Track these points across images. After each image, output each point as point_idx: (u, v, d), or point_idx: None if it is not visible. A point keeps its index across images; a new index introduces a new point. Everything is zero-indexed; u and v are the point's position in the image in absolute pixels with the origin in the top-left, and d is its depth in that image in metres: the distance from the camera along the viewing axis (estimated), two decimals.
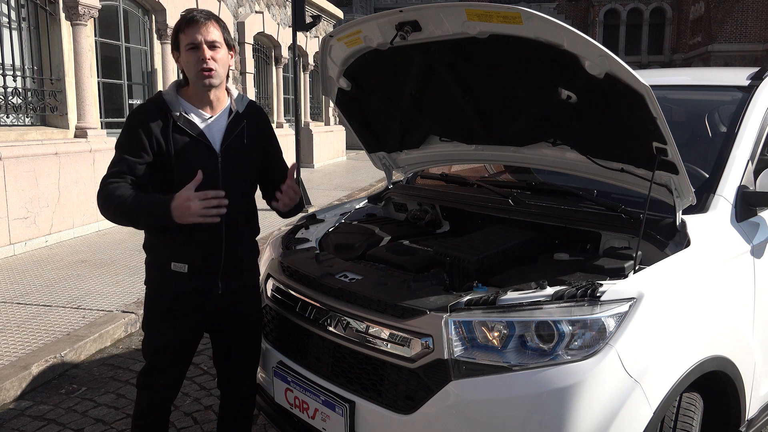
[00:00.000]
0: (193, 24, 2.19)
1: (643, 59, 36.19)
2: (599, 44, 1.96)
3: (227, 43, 2.27)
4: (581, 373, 1.82)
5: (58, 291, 5.27)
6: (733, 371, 2.25)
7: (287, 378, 2.36)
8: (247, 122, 2.35)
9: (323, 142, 17.26)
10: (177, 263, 2.27)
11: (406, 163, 3.36)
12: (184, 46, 2.21)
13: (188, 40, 2.19)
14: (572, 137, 2.49)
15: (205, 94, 2.27)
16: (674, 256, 2.15)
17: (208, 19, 2.22)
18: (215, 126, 2.30)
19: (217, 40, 2.22)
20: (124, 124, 2.30)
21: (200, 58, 2.19)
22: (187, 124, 2.25)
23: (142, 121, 2.23)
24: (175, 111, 2.24)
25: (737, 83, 2.91)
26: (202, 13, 2.24)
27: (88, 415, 3.42)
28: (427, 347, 1.97)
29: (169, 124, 2.23)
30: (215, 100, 2.30)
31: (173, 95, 2.29)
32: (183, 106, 2.27)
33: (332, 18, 18.42)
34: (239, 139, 2.32)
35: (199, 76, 2.21)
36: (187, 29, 2.20)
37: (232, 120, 2.32)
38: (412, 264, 2.48)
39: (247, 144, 2.33)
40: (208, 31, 2.20)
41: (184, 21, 2.21)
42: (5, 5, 6.88)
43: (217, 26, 2.23)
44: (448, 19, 2.22)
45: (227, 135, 2.30)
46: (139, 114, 2.27)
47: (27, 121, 7.33)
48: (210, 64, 2.20)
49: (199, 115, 2.28)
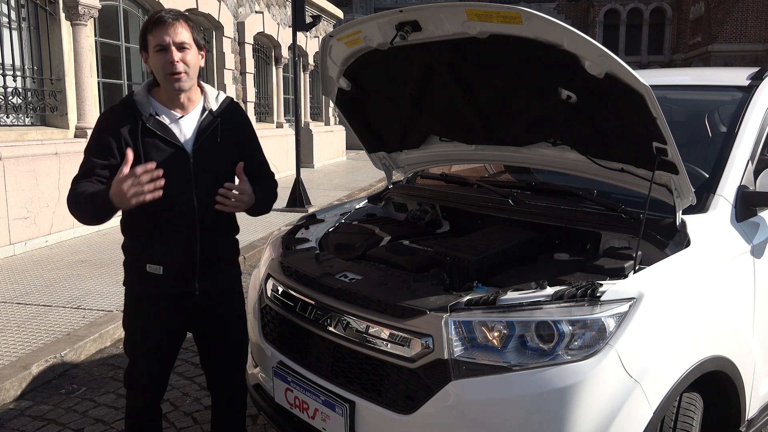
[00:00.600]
0: (161, 25, 2.12)
1: (643, 59, 36.19)
2: (599, 44, 1.96)
3: (197, 43, 2.21)
4: (581, 373, 1.82)
5: (58, 291, 5.27)
6: (733, 371, 2.25)
7: (287, 378, 2.36)
8: (221, 121, 2.31)
9: (323, 142, 17.25)
10: (152, 265, 2.25)
11: (406, 163, 3.36)
12: (152, 47, 2.14)
13: (156, 41, 2.13)
14: (572, 137, 2.49)
15: (175, 95, 2.23)
16: (674, 256, 2.15)
17: (177, 20, 2.14)
18: (187, 126, 2.26)
19: (186, 41, 2.16)
20: (94, 126, 2.26)
21: (169, 61, 2.13)
22: (156, 125, 2.21)
23: (110, 125, 2.20)
24: (144, 112, 2.20)
25: (737, 83, 2.91)
26: (170, 13, 2.17)
27: (88, 415, 3.42)
28: (427, 347, 1.97)
29: (138, 126, 2.19)
30: (186, 101, 2.26)
31: (144, 96, 2.25)
32: (154, 107, 2.23)
33: (332, 18, 18.42)
34: (212, 138, 2.27)
35: (169, 79, 2.16)
36: (154, 30, 2.13)
37: (205, 119, 2.28)
38: (412, 264, 2.48)
39: (221, 143, 2.29)
40: (177, 33, 2.13)
41: (151, 22, 2.14)
42: (5, 5, 6.88)
43: (186, 26, 2.17)
44: (448, 19, 2.22)
45: (199, 134, 2.26)
46: (108, 117, 2.23)
47: (27, 121, 7.33)
48: (179, 67, 2.14)
49: (169, 116, 2.24)
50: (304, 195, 9.67)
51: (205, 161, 2.25)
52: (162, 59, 2.14)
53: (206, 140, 2.27)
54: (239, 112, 2.42)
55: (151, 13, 2.22)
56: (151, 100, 2.25)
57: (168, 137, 2.21)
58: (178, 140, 2.23)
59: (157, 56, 2.14)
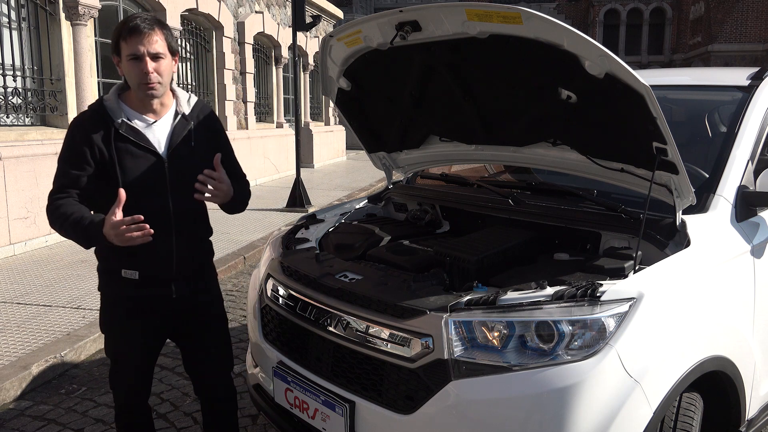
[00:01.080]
0: (136, 34, 2.08)
1: (643, 59, 36.21)
2: (599, 44, 1.96)
3: (171, 50, 2.19)
4: (581, 373, 1.82)
5: (58, 291, 5.27)
6: (733, 371, 2.25)
7: (287, 378, 2.36)
8: (194, 125, 2.30)
9: (323, 142, 17.25)
10: (128, 270, 2.24)
11: (406, 163, 3.36)
12: (126, 55, 2.11)
13: (130, 50, 2.09)
14: (572, 137, 2.49)
15: (147, 101, 2.21)
16: (674, 256, 2.15)
17: (152, 29, 2.11)
18: (160, 130, 2.24)
19: (161, 51, 2.13)
20: (66, 135, 2.23)
21: (143, 71, 2.10)
22: (129, 131, 2.18)
23: (82, 132, 2.17)
24: (117, 118, 2.17)
25: (737, 83, 2.91)
26: (146, 20, 2.12)
27: (88, 415, 3.42)
28: (427, 347, 1.97)
29: (110, 133, 2.16)
30: (159, 105, 2.24)
31: (115, 101, 2.21)
32: (125, 113, 2.20)
33: (332, 18, 18.42)
34: (186, 142, 2.26)
35: (142, 88, 2.14)
36: (129, 38, 2.09)
37: (178, 123, 2.27)
38: (412, 264, 2.48)
39: (195, 146, 2.27)
40: (152, 42, 2.10)
41: (126, 29, 2.10)
42: (5, 5, 6.88)
43: (161, 35, 2.13)
44: (448, 19, 2.22)
45: (173, 139, 2.24)
46: (79, 124, 2.20)
47: (27, 121, 7.34)
48: (153, 78, 2.12)
49: (142, 121, 2.22)
50: (304, 195, 9.66)
51: (180, 165, 2.23)
52: (136, 68, 2.11)
53: (180, 144, 2.25)
54: (211, 115, 2.40)
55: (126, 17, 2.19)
56: (122, 105, 2.22)
57: (142, 142, 2.19)
58: (152, 145, 2.21)
59: (131, 64, 2.12)
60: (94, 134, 2.16)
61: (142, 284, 2.25)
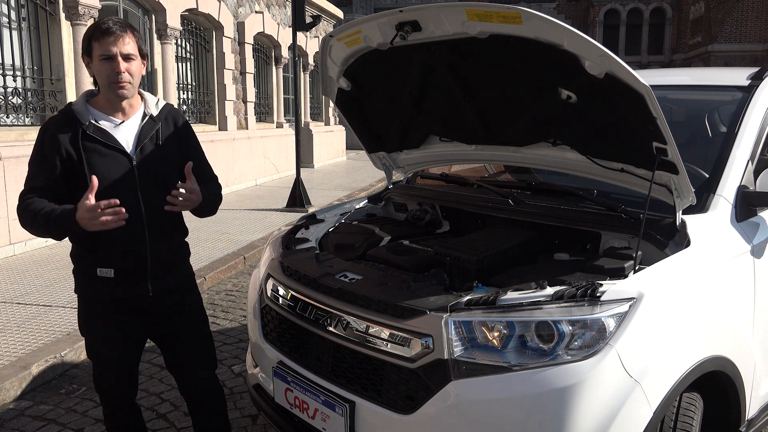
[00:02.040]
0: (109, 35, 2.15)
1: (643, 59, 36.21)
2: (599, 44, 1.96)
3: (141, 53, 2.25)
4: (581, 373, 1.82)
5: (58, 291, 5.27)
6: (733, 371, 2.25)
7: (287, 378, 2.36)
8: (162, 125, 2.33)
9: (323, 142, 17.25)
10: (103, 269, 2.25)
11: (406, 163, 3.36)
12: (98, 55, 2.17)
13: (102, 50, 2.15)
14: (572, 137, 2.49)
15: (117, 102, 2.25)
16: (674, 256, 2.15)
17: (124, 31, 2.18)
18: (128, 131, 2.28)
19: (132, 53, 2.19)
20: (36, 139, 2.27)
21: (115, 71, 2.16)
22: (97, 132, 2.22)
23: (51, 136, 2.21)
24: (84, 120, 2.22)
25: (737, 83, 2.91)
26: (118, 23, 2.19)
27: (88, 415, 3.42)
28: (427, 347, 1.97)
29: (78, 134, 2.20)
30: (127, 107, 2.28)
31: (82, 105, 2.26)
32: (93, 115, 2.24)
33: (332, 18, 18.42)
34: (153, 141, 2.30)
35: (112, 87, 2.19)
36: (101, 39, 2.15)
37: (146, 124, 2.30)
38: (412, 264, 2.48)
39: (163, 146, 2.31)
40: (124, 44, 2.17)
41: (99, 30, 2.16)
42: (5, 5, 6.88)
43: (132, 38, 2.20)
44: (448, 19, 2.22)
45: (141, 138, 2.28)
46: (48, 128, 2.24)
47: (27, 121, 7.33)
48: (124, 78, 2.17)
49: (110, 122, 2.26)
50: (304, 195, 9.66)
51: (148, 164, 2.26)
52: (107, 68, 2.17)
53: (148, 143, 2.29)
54: (179, 117, 2.44)
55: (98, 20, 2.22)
56: (90, 108, 2.27)
57: (109, 142, 2.22)
58: (120, 145, 2.24)
59: (103, 64, 2.17)
60: (61, 136, 2.20)
61: (117, 283, 2.26)
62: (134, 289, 2.29)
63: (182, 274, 2.47)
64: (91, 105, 2.28)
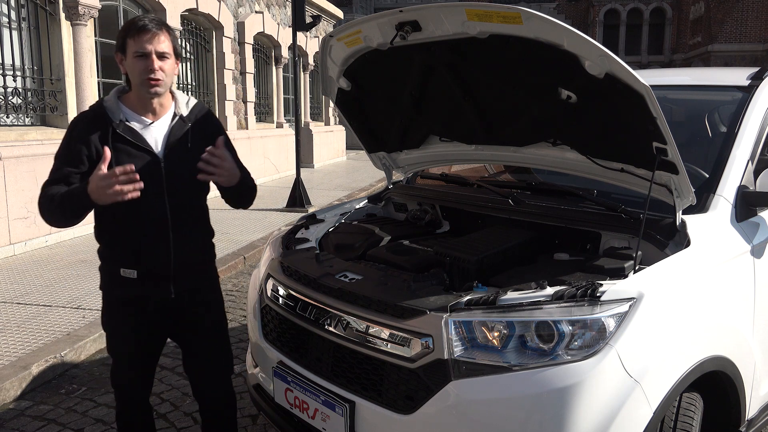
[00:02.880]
0: (145, 33, 2.14)
1: (643, 59, 36.20)
2: (599, 44, 1.96)
3: (175, 52, 2.25)
4: (581, 373, 1.82)
5: (58, 291, 5.27)
6: (733, 371, 2.25)
7: (287, 378, 2.36)
8: (192, 126, 2.32)
9: (323, 142, 17.25)
10: (126, 269, 2.26)
11: (406, 163, 3.36)
12: (132, 52, 2.16)
13: (137, 47, 2.15)
14: (572, 137, 2.49)
15: (148, 100, 2.24)
16: (674, 256, 2.15)
17: (160, 29, 2.17)
18: (157, 131, 2.27)
19: (167, 51, 2.19)
20: (65, 133, 2.28)
21: (148, 68, 2.16)
22: (127, 131, 2.22)
23: (80, 132, 2.22)
24: (115, 119, 2.21)
25: (737, 83, 2.91)
26: (154, 21, 2.19)
27: (88, 415, 3.42)
28: (427, 347, 1.97)
29: (108, 132, 2.19)
30: (158, 106, 2.27)
31: (114, 102, 2.25)
32: (124, 113, 2.24)
33: (332, 18, 18.42)
34: (183, 142, 2.29)
35: (145, 84, 2.18)
36: (137, 37, 2.15)
37: (176, 124, 2.30)
38: (412, 264, 2.48)
39: (192, 147, 2.29)
40: (159, 42, 2.16)
41: (134, 28, 2.16)
42: (5, 5, 6.88)
43: (167, 36, 2.20)
44: (448, 19, 2.22)
45: (170, 139, 2.27)
46: (78, 124, 2.25)
47: (27, 121, 7.33)
48: (158, 75, 2.17)
49: (140, 122, 2.25)
50: (304, 195, 9.66)
51: (176, 166, 2.26)
52: (141, 65, 2.16)
53: (176, 145, 2.28)
54: (209, 117, 2.43)
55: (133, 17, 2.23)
56: (121, 106, 2.26)
57: (139, 142, 2.22)
58: (148, 145, 2.24)
59: (137, 61, 2.16)
60: (91, 133, 2.20)
61: (140, 283, 2.27)
62: (156, 290, 2.29)
63: (206, 276, 2.46)
64: (122, 102, 2.27)
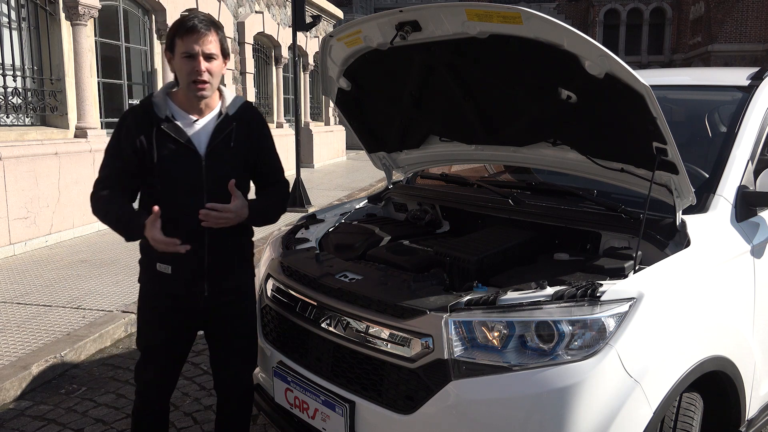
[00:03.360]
0: (193, 33, 2.15)
1: (643, 59, 36.19)
2: (599, 44, 1.96)
3: (224, 52, 2.25)
4: (581, 373, 1.82)
5: (58, 291, 5.27)
6: (733, 371, 2.25)
7: (287, 378, 2.36)
8: (237, 125, 2.32)
9: (323, 142, 17.25)
10: (162, 264, 2.29)
11: (406, 163, 3.36)
12: (180, 53, 2.17)
13: (185, 48, 2.16)
14: (572, 137, 2.49)
15: (194, 99, 2.25)
16: (674, 256, 2.15)
17: (209, 30, 2.18)
18: (202, 129, 2.28)
19: (215, 52, 2.19)
20: (115, 126, 2.32)
21: (195, 69, 2.17)
22: (171, 128, 2.24)
23: (128, 126, 2.26)
24: (161, 115, 2.24)
25: (737, 83, 2.91)
26: (203, 21, 2.18)
27: (88, 415, 3.42)
28: (427, 347, 1.97)
29: (153, 129, 2.23)
30: (204, 105, 2.29)
31: (162, 98, 2.28)
32: (171, 110, 2.26)
33: (332, 18, 18.42)
34: (226, 142, 2.29)
35: (191, 87, 2.20)
36: (186, 37, 2.16)
37: (220, 123, 2.30)
38: (412, 264, 2.48)
39: (235, 147, 2.30)
40: (207, 42, 2.17)
41: (184, 27, 2.17)
42: (5, 5, 6.88)
43: (216, 37, 2.20)
44: (448, 19, 2.22)
45: (213, 138, 2.28)
46: (126, 118, 2.29)
47: (27, 121, 7.33)
48: (204, 77, 2.18)
49: (185, 119, 2.27)
50: (304, 195, 9.66)
51: (217, 165, 2.27)
52: (189, 66, 2.17)
53: (219, 144, 2.28)
54: (255, 117, 2.43)
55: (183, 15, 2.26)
56: (169, 102, 2.28)
57: (182, 140, 2.24)
58: (191, 143, 2.25)
59: (184, 62, 2.18)
60: (138, 129, 2.24)
61: (174, 279, 2.30)
62: (190, 288, 2.31)
63: (240, 276, 2.45)
64: (170, 98, 2.29)
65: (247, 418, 2.61)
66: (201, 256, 2.28)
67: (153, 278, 2.34)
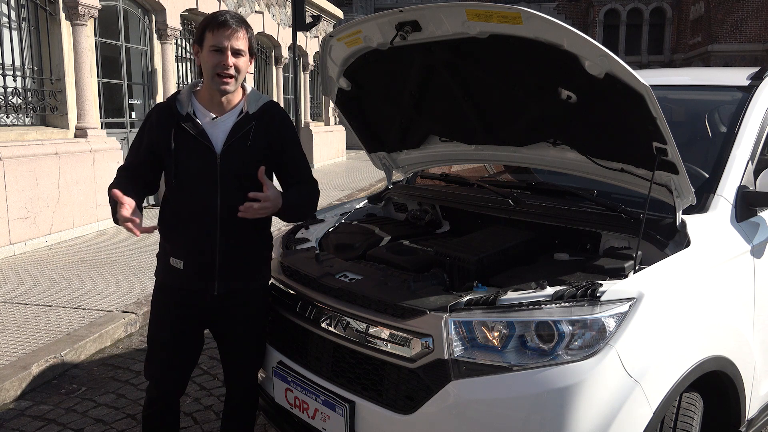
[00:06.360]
0: (224, 27, 2.18)
1: (643, 59, 36.18)
2: (599, 44, 1.96)
3: (251, 50, 2.28)
4: (581, 373, 1.82)
5: (58, 291, 5.27)
6: (733, 371, 2.25)
7: (287, 378, 2.36)
8: (256, 123, 2.32)
9: (323, 142, 17.25)
10: (175, 259, 2.32)
11: (406, 163, 3.36)
12: (209, 46, 2.20)
13: (214, 41, 2.18)
14: (572, 137, 2.49)
15: (216, 95, 2.27)
16: (674, 256, 2.15)
17: (240, 26, 2.21)
18: (220, 126, 2.30)
19: (243, 49, 2.23)
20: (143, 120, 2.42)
21: (222, 63, 2.19)
22: (190, 125, 2.26)
23: (152, 120, 2.32)
24: (182, 112, 2.27)
25: (737, 83, 2.91)
26: (234, 17, 2.22)
27: (88, 415, 3.42)
28: (427, 347, 1.97)
29: (173, 124, 2.27)
30: (225, 102, 2.30)
31: (186, 95, 2.32)
32: (193, 106, 2.30)
33: (332, 18, 18.42)
34: (243, 140, 2.29)
35: (216, 80, 2.22)
36: (216, 31, 2.18)
37: (240, 121, 2.31)
38: (412, 264, 2.47)
39: (252, 145, 2.30)
40: (237, 38, 2.20)
41: (215, 21, 2.19)
42: (5, 5, 6.88)
43: (245, 34, 2.23)
44: (448, 19, 2.22)
45: (231, 136, 2.29)
46: (152, 114, 2.35)
47: (27, 121, 7.33)
48: (230, 71, 2.21)
49: (205, 116, 2.29)
50: None
51: (233, 164, 2.28)
52: (216, 59, 2.20)
53: (236, 142, 2.29)
54: (278, 116, 2.41)
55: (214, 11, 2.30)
56: (193, 99, 2.32)
57: (199, 137, 2.26)
58: (208, 141, 2.27)
59: (211, 55, 2.20)
60: (160, 124, 2.29)
61: (185, 274, 2.31)
62: (200, 285, 2.32)
63: (253, 277, 2.44)
64: (194, 95, 2.33)
65: (252, 416, 2.61)
66: (212, 254, 2.29)
67: (166, 272, 2.37)
